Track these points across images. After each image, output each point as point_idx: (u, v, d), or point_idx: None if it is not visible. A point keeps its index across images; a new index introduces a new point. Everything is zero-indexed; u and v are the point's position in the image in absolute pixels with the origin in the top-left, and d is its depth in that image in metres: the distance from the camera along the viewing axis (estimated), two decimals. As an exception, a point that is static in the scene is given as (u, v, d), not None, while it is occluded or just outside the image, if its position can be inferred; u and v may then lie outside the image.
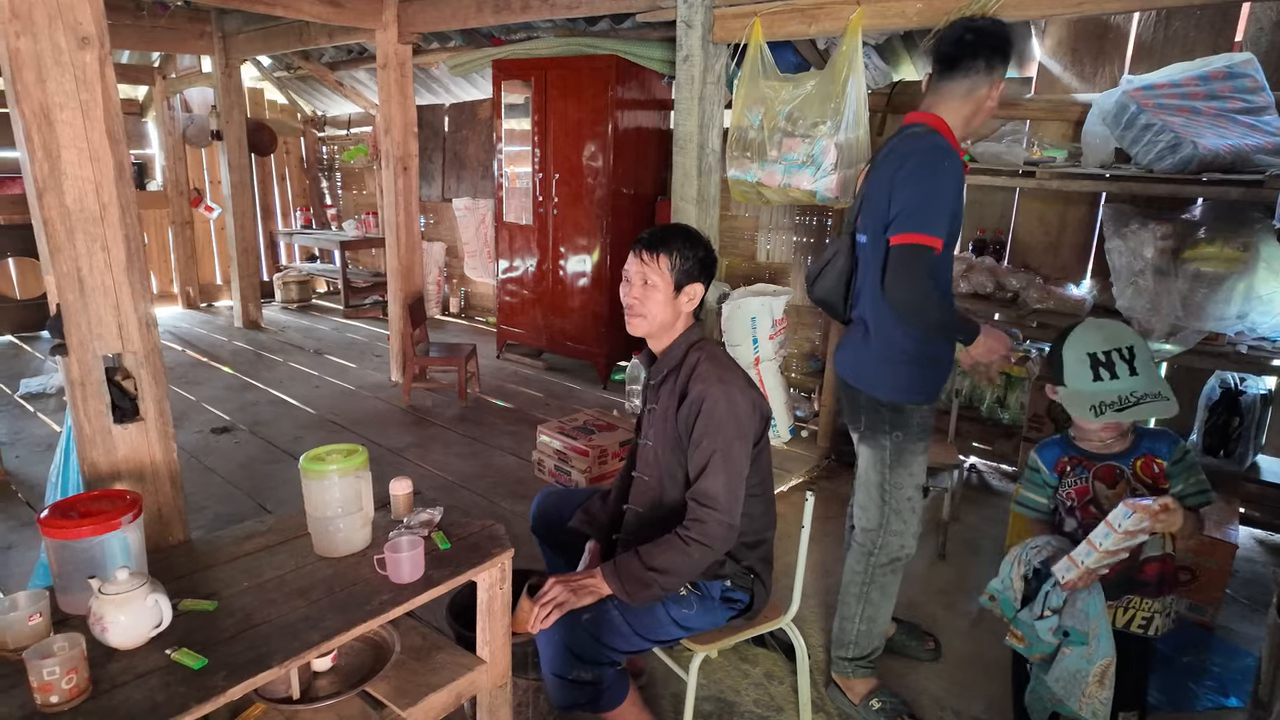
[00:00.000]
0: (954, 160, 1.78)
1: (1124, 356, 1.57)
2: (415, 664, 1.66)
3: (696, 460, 1.61)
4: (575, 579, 1.61)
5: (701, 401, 1.60)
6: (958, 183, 1.80)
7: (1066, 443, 1.78)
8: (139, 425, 1.64)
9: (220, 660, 1.27)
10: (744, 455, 1.61)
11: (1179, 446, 1.68)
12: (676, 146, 3.00)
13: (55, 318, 1.54)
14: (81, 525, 1.38)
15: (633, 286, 1.71)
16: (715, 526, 1.57)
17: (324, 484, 1.57)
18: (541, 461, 3.42)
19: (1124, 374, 1.57)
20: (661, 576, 1.57)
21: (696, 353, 1.70)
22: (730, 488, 1.59)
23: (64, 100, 1.44)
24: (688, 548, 1.56)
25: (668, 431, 1.69)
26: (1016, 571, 1.67)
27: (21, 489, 3.22)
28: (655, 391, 1.76)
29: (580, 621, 1.59)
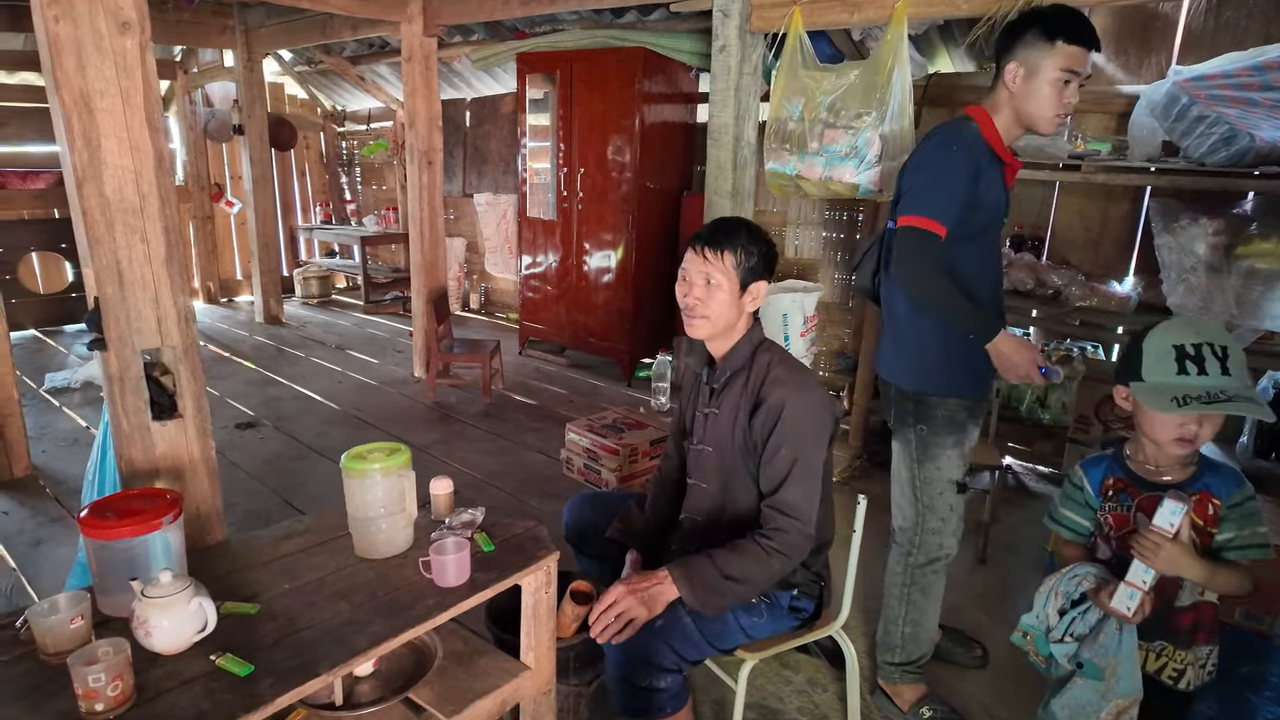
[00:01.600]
0: (965, 147, 1.73)
1: (1216, 354, 1.38)
2: (458, 669, 1.62)
3: (776, 469, 1.55)
4: (642, 585, 1.53)
5: (781, 408, 1.54)
6: (969, 171, 1.72)
7: (1118, 461, 1.56)
8: (177, 422, 1.60)
9: (266, 667, 1.23)
10: (821, 463, 1.56)
11: (1242, 489, 1.45)
12: (711, 139, 2.93)
13: (94, 311, 1.51)
14: (122, 526, 1.34)
15: (693, 286, 1.62)
16: (796, 536, 1.51)
17: (366, 483, 1.53)
18: (570, 460, 3.37)
19: (1214, 371, 1.37)
20: (738, 585, 1.50)
21: (765, 355, 1.63)
22: (809, 497, 1.53)
23: (104, 87, 1.40)
24: (769, 558, 1.50)
25: (734, 438, 1.62)
26: (1053, 605, 1.50)
27: (49, 484, 3.21)
28: (717, 395, 1.68)
29: (653, 628, 1.53)
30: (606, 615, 1.53)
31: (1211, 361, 1.38)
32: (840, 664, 2.22)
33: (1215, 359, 1.38)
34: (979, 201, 1.75)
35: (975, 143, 1.74)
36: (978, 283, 1.83)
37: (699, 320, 1.62)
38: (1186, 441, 1.41)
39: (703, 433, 1.70)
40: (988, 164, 1.76)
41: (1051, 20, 1.68)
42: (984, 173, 1.74)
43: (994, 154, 1.79)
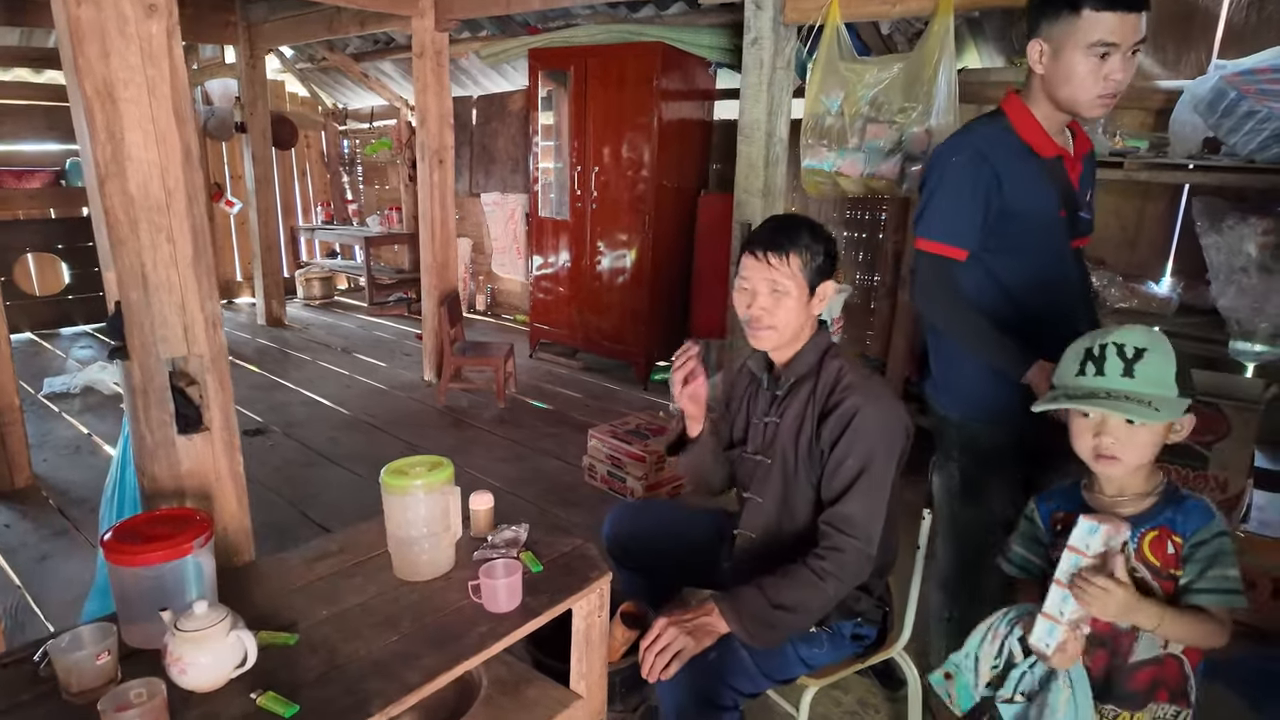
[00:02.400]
0: (971, 153, 1.57)
1: (1124, 355, 1.21)
2: (505, 699, 1.51)
3: (838, 480, 1.43)
4: (689, 618, 1.43)
5: (852, 416, 1.42)
6: (979, 179, 1.55)
7: (1073, 493, 1.37)
8: (204, 436, 1.49)
9: (312, 706, 1.12)
10: (889, 479, 1.45)
11: (1209, 525, 1.22)
12: (742, 135, 2.84)
13: (115, 317, 1.40)
14: (150, 550, 1.24)
15: (758, 295, 1.49)
16: (853, 556, 1.40)
17: (407, 500, 1.42)
18: (593, 467, 3.27)
19: (1113, 372, 1.21)
20: (789, 615, 1.40)
21: (834, 361, 1.52)
22: (872, 514, 1.42)
23: (129, 76, 1.29)
24: (822, 582, 1.39)
25: (798, 449, 1.51)
26: (989, 648, 1.31)
27: (52, 494, 3.09)
28: (779, 403, 1.57)
29: (707, 662, 1.42)
30: (652, 651, 1.42)
31: (1114, 362, 1.21)
32: (891, 684, 2.12)
33: (1120, 360, 1.21)
34: (1009, 209, 1.57)
35: (992, 143, 1.57)
36: (1033, 296, 1.62)
37: (765, 332, 1.50)
38: (1103, 458, 1.24)
39: (761, 442, 1.59)
40: (1018, 162, 1.57)
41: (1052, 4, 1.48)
42: (1010, 175, 1.56)
43: (1029, 149, 1.58)
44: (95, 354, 5.17)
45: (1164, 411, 1.18)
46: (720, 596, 1.45)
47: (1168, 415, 1.18)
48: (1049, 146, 1.59)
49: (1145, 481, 1.28)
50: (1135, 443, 1.22)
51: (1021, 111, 1.60)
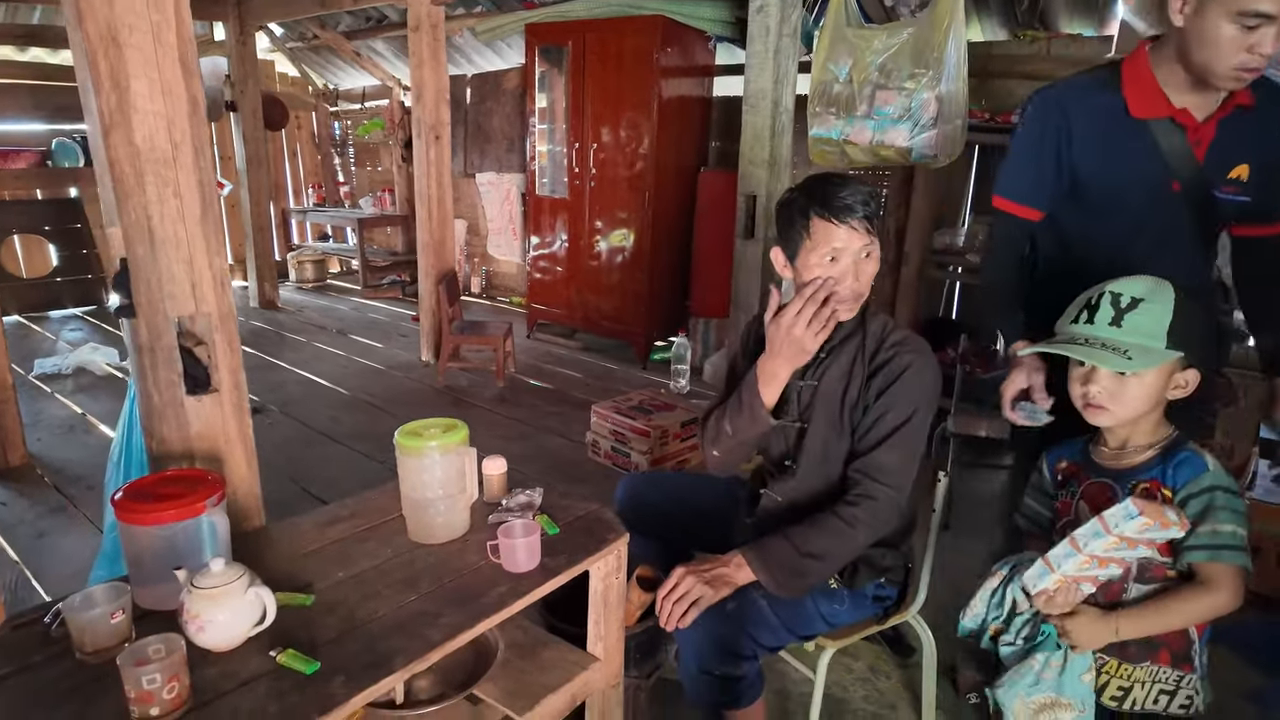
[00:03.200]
0: (1041, 109, 1.49)
1: (1118, 305, 1.19)
2: (522, 663, 1.50)
3: (877, 429, 1.41)
4: (706, 568, 1.43)
5: (903, 370, 1.39)
6: (1047, 137, 1.46)
7: (1081, 446, 1.37)
8: (213, 398, 1.46)
9: (333, 663, 1.10)
10: (925, 433, 1.43)
11: (1200, 479, 1.19)
12: (747, 105, 2.81)
13: (121, 274, 1.36)
14: (163, 509, 1.21)
15: (854, 263, 1.39)
16: (885, 504, 1.39)
17: (423, 462, 1.40)
18: (596, 443, 3.25)
19: (1102, 321, 1.20)
20: (818, 563, 1.38)
21: (875, 319, 1.49)
22: (907, 464, 1.41)
23: (134, 21, 1.25)
24: (852, 529, 1.38)
25: (842, 410, 1.47)
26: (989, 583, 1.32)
27: (47, 473, 3.05)
28: (818, 365, 1.51)
29: (726, 612, 1.41)
30: (670, 600, 1.42)
31: (1105, 311, 1.20)
32: (901, 650, 2.13)
33: (1112, 309, 1.19)
34: (1079, 172, 1.46)
35: (1073, 96, 1.46)
36: (1115, 271, 1.41)
37: (855, 302, 1.43)
38: (1091, 407, 1.24)
39: (798, 407, 1.56)
40: (1100, 120, 1.43)
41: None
42: (1083, 134, 1.44)
43: (1124, 107, 1.42)
44: (85, 336, 5.09)
45: (1137, 361, 1.16)
46: (747, 547, 1.43)
47: (1141, 365, 1.16)
48: (1155, 105, 1.40)
49: (1149, 435, 1.26)
50: (1124, 394, 1.21)
51: (1138, 63, 1.42)
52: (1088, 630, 1.18)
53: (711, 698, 1.44)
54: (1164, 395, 1.22)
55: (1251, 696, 1.97)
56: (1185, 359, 1.20)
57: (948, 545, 2.50)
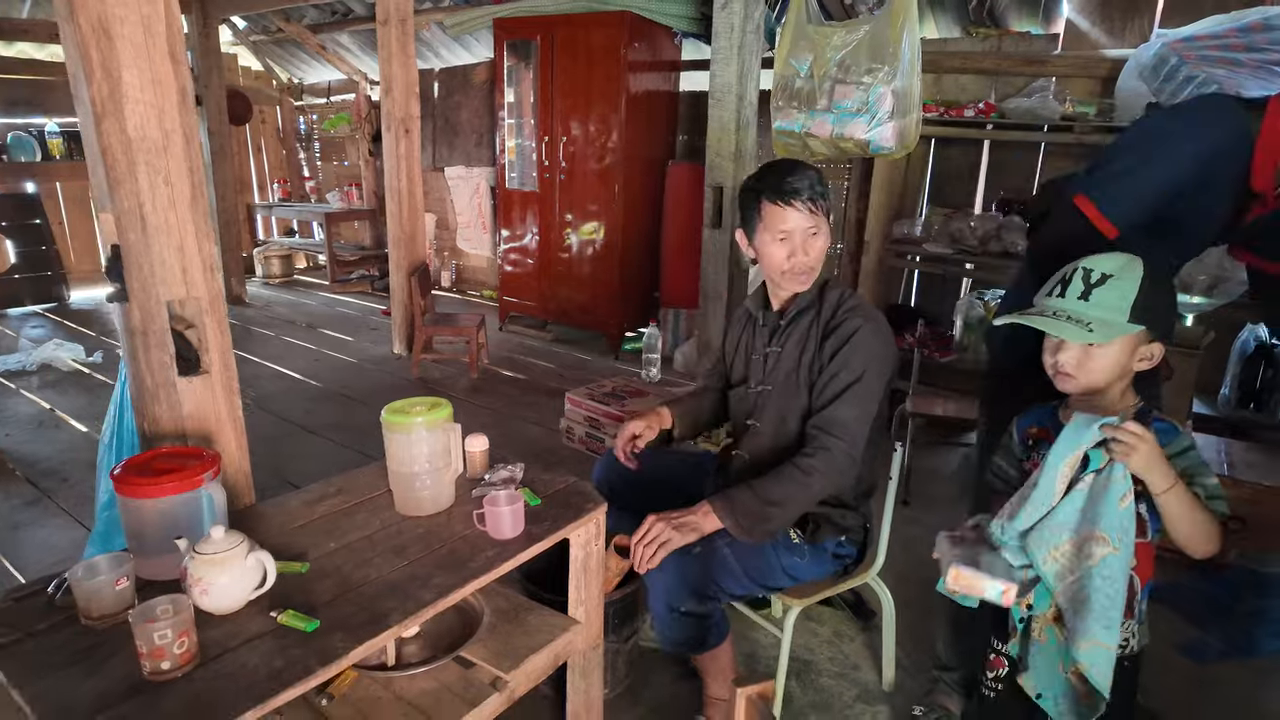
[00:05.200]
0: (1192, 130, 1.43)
1: (1088, 279, 1.25)
2: (508, 627, 1.58)
3: (831, 388, 1.53)
4: (676, 516, 1.53)
5: (853, 333, 1.53)
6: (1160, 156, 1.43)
7: (1049, 412, 1.41)
8: (203, 379, 1.51)
9: (331, 622, 1.17)
10: (878, 393, 1.55)
11: (1177, 440, 1.24)
12: (713, 99, 2.90)
13: (113, 260, 1.41)
14: (163, 483, 1.26)
15: (800, 243, 1.55)
16: (840, 456, 1.51)
17: (411, 438, 1.46)
18: (571, 429, 3.33)
19: (1072, 295, 1.26)
20: (778, 509, 1.50)
21: (834, 291, 1.62)
22: (859, 420, 1.53)
23: (125, 13, 1.29)
24: (809, 478, 1.50)
25: (799, 374, 1.61)
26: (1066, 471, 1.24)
27: (19, 467, 3.03)
28: (780, 334, 1.65)
29: (693, 555, 1.53)
30: (641, 544, 1.52)
31: (1075, 285, 1.25)
32: (863, 615, 2.25)
33: (1082, 283, 1.25)
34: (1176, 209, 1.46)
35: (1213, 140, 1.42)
36: None
37: (807, 275, 1.58)
38: (1060, 374, 1.29)
39: (762, 373, 1.68)
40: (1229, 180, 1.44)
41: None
42: (1202, 182, 1.43)
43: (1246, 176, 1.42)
44: (48, 333, 5.02)
45: (1098, 333, 1.22)
46: (714, 497, 1.54)
47: (1100, 338, 1.22)
48: (1267, 181, 1.40)
49: (1115, 403, 1.32)
50: (1090, 364, 1.27)
51: (1277, 127, 1.37)
52: (1149, 451, 1.15)
53: (678, 635, 1.54)
54: (1130, 366, 1.28)
55: (1184, 648, 2.13)
56: (1150, 333, 1.26)
57: (907, 519, 2.64)
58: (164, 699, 1.02)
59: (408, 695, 1.39)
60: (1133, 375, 1.32)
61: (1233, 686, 2.00)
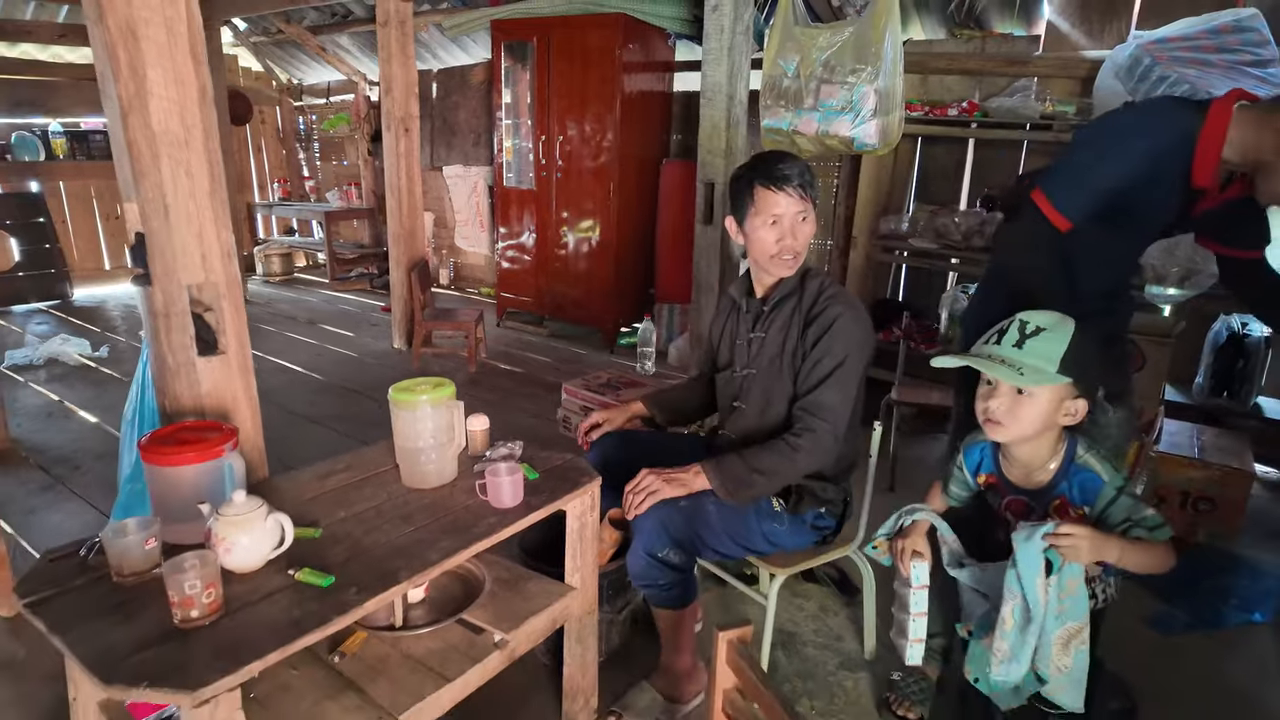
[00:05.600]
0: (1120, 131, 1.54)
1: (1024, 330, 1.33)
2: (507, 593, 1.67)
3: (815, 373, 1.63)
4: (668, 472, 1.65)
5: (834, 320, 1.63)
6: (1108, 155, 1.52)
7: (993, 455, 1.47)
8: (221, 359, 1.61)
9: (345, 578, 1.26)
10: (859, 376, 1.66)
11: (1103, 490, 1.32)
12: (704, 99, 3.00)
13: (138, 246, 1.50)
14: (186, 452, 1.36)
15: (790, 227, 1.64)
16: (825, 437, 1.62)
17: (416, 414, 1.56)
18: (567, 419, 3.42)
19: (1008, 343, 1.33)
20: (762, 478, 1.62)
21: (815, 279, 1.72)
22: (842, 403, 1.63)
23: (149, 15, 1.39)
24: (795, 454, 1.61)
25: (782, 359, 1.71)
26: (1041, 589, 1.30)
27: (31, 454, 3.12)
28: (764, 320, 1.75)
29: (678, 507, 1.63)
30: (631, 491, 1.65)
31: (1011, 334, 1.33)
32: (847, 591, 2.35)
33: (1017, 333, 1.33)
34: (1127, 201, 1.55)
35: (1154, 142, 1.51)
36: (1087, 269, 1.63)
37: (793, 259, 1.67)
38: (989, 422, 1.34)
39: (747, 358, 1.78)
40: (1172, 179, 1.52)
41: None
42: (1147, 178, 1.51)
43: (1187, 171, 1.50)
44: (53, 329, 5.09)
45: (1028, 378, 1.28)
46: (705, 460, 1.66)
47: (1030, 382, 1.28)
48: (1207, 178, 1.50)
49: (1048, 453, 1.38)
50: (1019, 411, 1.31)
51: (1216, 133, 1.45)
52: (1091, 543, 1.22)
53: (652, 579, 1.65)
54: (1055, 420, 1.33)
55: (1152, 621, 2.24)
56: (1075, 388, 1.32)
57: (892, 505, 2.73)
58: (194, 643, 1.11)
59: (415, 653, 1.48)
60: (1058, 430, 1.36)
61: (1198, 656, 2.10)
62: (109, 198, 6.56)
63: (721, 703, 1.19)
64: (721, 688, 1.18)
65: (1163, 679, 1.97)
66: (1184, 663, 2.07)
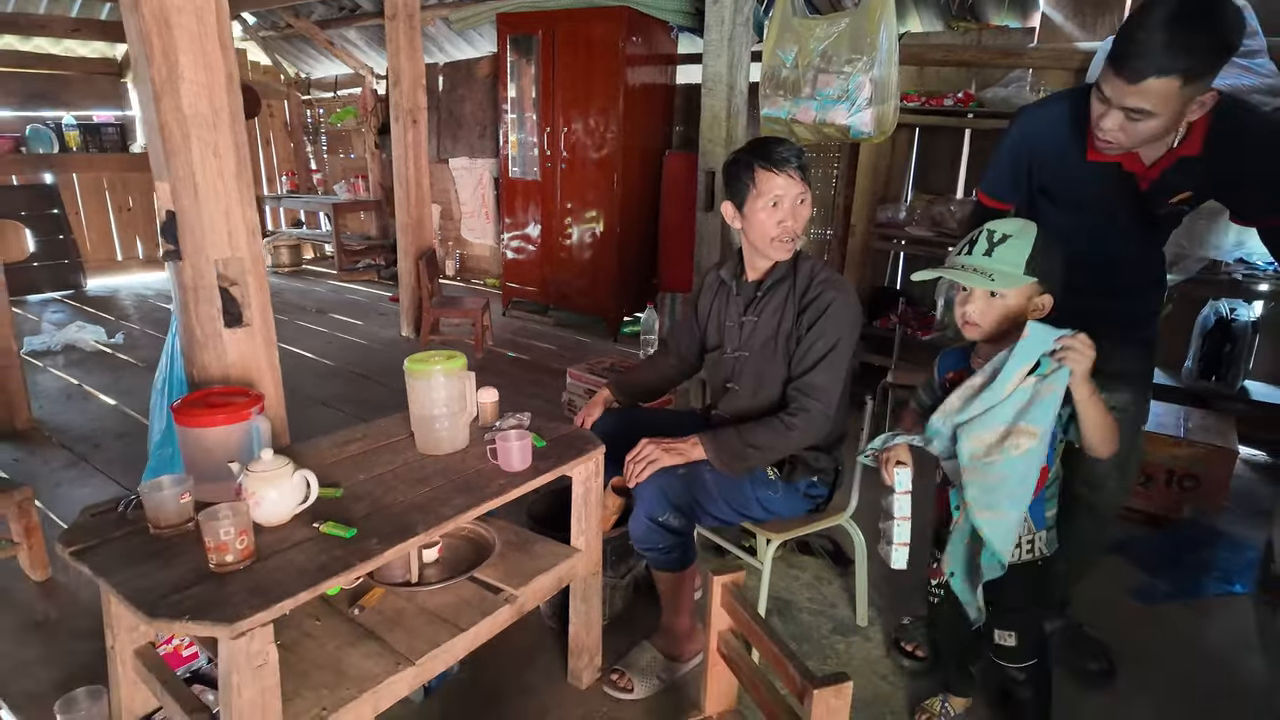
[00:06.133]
0: (1019, 125, 1.70)
1: (991, 239, 1.42)
2: (517, 554, 1.76)
3: (809, 355, 1.72)
4: (667, 442, 1.74)
5: (829, 304, 1.70)
6: (1013, 147, 1.70)
7: (964, 353, 1.58)
8: (246, 331, 1.70)
9: (367, 531, 1.36)
10: (848, 358, 1.75)
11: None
12: (705, 89, 3.08)
13: (168, 223, 1.59)
14: (217, 415, 1.45)
15: (790, 210, 1.69)
16: (817, 416, 1.70)
17: (430, 384, 1.65)
18: (571, 402, 3.51)
19: (978, 252, 1.42)
20: (756, 451, 1.70)
21: (807, 263, 1.79)
22: (834, 384, 1.72)
23: (181, 4, 1.48)
24: (790, 432, 1.70)
25: (777, 341, 1.78)
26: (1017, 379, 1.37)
27: (53, 434, 3.22)
28: (757, 304, 1.82)
29: (677, 475, 1.72)
30: (633, 460, 1.73)
31: (981, 244, 1.42)
32: (841, 563, 2.43)
33: (986, 243, 1.42)
34: (1048, 187, 1.69)
35: (1042, 130, 1.66)
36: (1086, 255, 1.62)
37: (793, 242, 1.73)
38: (967, 324, 1.45)
39: (739, 341, 1.85)
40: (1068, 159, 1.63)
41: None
42: (1050, 165, 1.67)
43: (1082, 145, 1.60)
44: (67, 317, 5.20)
45: (999, 282, 1.39)
46: (703, 432, 1.75)
47: (1001, 286, 1.39)
48: (1094, 151, 1.57)
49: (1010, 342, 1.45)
50: (992, 312, 1.44)
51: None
52: (1084, 356, 1.30)
53: (653, 543, 1.74)
54: (1025, 314, 1.44)
55: (1135, 592, 2.32)
56: (1041, 285, 1.44)
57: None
58: (228, 584, 1.20)
59: (429, 607, 1.57)
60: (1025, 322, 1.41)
61: (1177, 624, 2.19)
62: (121, 189, 6.67)
63: (717, 643, 1.28)
64: (716, 629, 1.28)
65: (1142, 644, 2.05)
66: (1163, 630, 2.15)
